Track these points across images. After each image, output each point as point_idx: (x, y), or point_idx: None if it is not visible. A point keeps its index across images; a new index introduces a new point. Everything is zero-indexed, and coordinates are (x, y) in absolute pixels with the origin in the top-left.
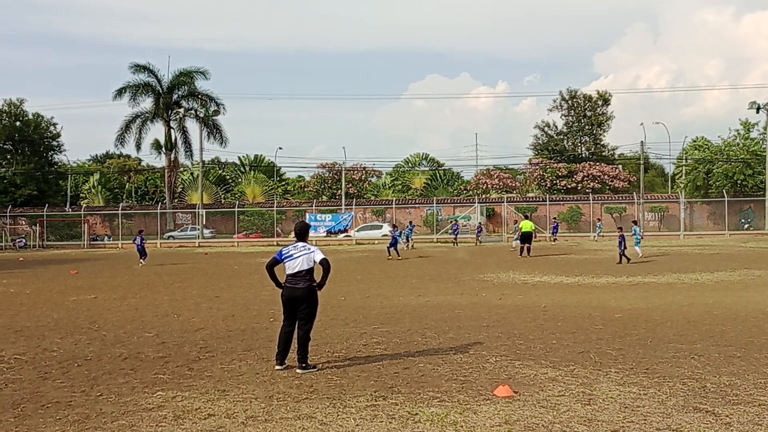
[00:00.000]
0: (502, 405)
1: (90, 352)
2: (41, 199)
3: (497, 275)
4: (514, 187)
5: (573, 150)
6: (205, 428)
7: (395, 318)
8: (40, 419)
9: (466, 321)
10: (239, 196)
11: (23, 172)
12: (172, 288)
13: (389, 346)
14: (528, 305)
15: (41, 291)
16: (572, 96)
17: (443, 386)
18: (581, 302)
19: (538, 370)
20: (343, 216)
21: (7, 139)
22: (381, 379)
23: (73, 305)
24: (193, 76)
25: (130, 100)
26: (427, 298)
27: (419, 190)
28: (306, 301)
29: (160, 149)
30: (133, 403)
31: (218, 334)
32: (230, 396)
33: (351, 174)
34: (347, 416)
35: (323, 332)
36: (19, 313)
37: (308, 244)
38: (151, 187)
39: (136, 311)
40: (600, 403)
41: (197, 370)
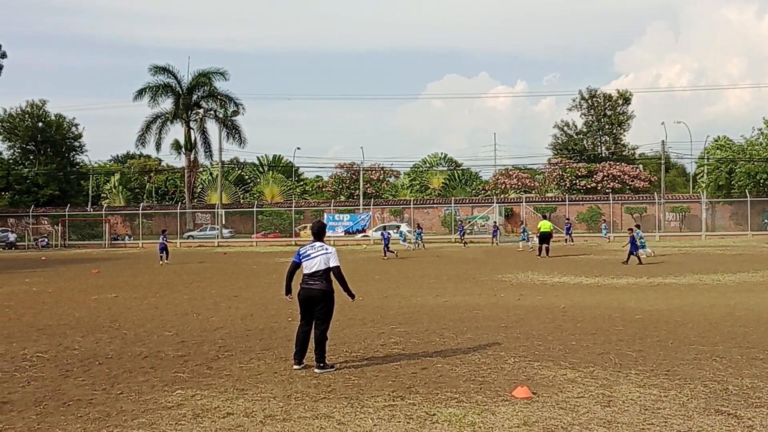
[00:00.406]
0: (521, 406)
1: (111, 350)
2: (63, 199)
3: (515, 275)
4: (533, 187)
5: (593, 149)
6: (224, 427)
7: (413, 318)
8: (62, 417)
9: (484, 321)
10: (258, 196)
11: (46, 172)
12: (192, 287)
13: (407, 346)
14: (547, 306)
15: (63, 290)
16: (592, 95)
17: (461, 387)
18: (601, 303)
19: (557, 372)
20: (361, 216)
21: (30, 139)
22: (399, 379)
23: (94, 304)
24: (212, 76)
25: (151, 101)
26: (444, 298)
27: (437, 190)
28: (322, 301)
29: (179, 150)
30: (153, 401)
31: (237, 333)
32: (249, 395)
33: (369, 174)
34: (365, 416)
35: (341, 332)
36: (41, 311)
37: (326, 245)
38: (171, 187)
39: (156, 310)
40: (620, 405)
41: (216, 369)
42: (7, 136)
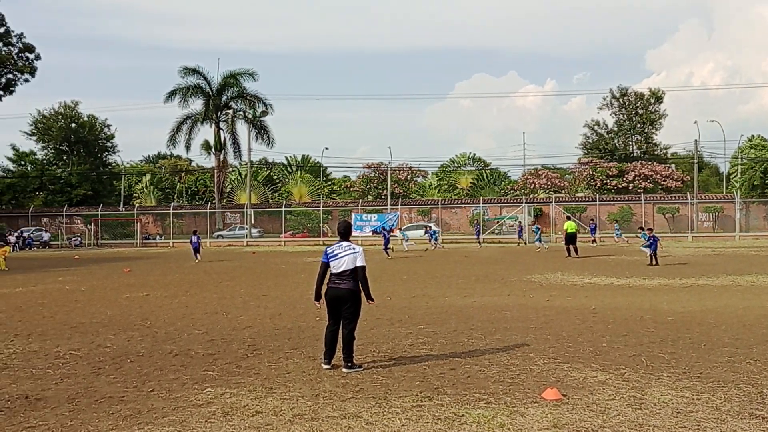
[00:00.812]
0: (551, 408)
1: (142, 348)
2: (96, 199)
3: (545, 276)
4: (562, 187)
5: (624, 149)
6: (253, 425)
7: (441, 318)
8: (94, 413)
9: (513, 322)
10: (286, 196)
11: (79, 172)
12: (221, 286)
13: (435, 346)
14: (577, 307)
15: (95, 288)
16: (623, 94)
17: (490, 388)
18: (632, 304)
19: (587, 373)
20: (389, 216)
21: (64, 140)
22: (427, 379)
23: (126, 302)
24: (242, 77)
25: (181, 102)
26: (473, 298)
27: (465, 190)
28: (350, 301)
29: (209, 150)
30: (183, 399)
31: (265, 333)
32: (277, 394)
33: (397, 174)
34: (393, 416)
35: (369, 332)
36: (74, 309)
37: (353, 244)
38: (201, 187)
39: (186, 309)
40: (651, 408)
41: (245, 368)
42: (41, 137)
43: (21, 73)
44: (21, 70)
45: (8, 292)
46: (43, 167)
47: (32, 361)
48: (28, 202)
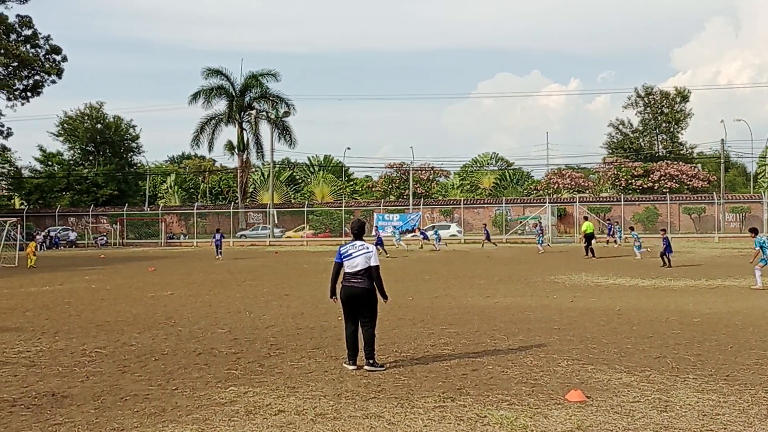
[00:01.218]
0: (575, 410)
1: (166, 346)
2: (121, 199)
3: (569, 277)
4: (586, 187)
5: (649, 148)
6: (276, 424)
7: (463, 319)
8: (119, 411)
9: (536, 323)
10: (308, 195)
11: (105, 172)
12: (244, 286)
13: (457, 347)
14: (601, 308)
15: (121, 287)
16: (648, 93)
17: (513, 389)
18: (658, 306)
19: (611, 375)
20: (411, 216)
21: (90, 141)
22: (449, 380)
23: (150, 301)
24: (264, 78)
25: (204, 103)
26: (496, 299)
27: (488, 190)
28: (366, 300)
29: (232, 150)
30: (207, 397)
31: (288, 332)
32: (300, 393)
33: (419, 174)
34: (415, 416)
35: (391, 332)
36: (100, 308)
37: (366, 243)
38: (224, 187)
39: (209, 308)
40: (677, 410)
41: (268, 367)
42: (67, 137)
43: (48, 75)
44: (48, 72)
45: (36, 291)
46: (69, 167)
47: (59, 359)
48: (55, 201)
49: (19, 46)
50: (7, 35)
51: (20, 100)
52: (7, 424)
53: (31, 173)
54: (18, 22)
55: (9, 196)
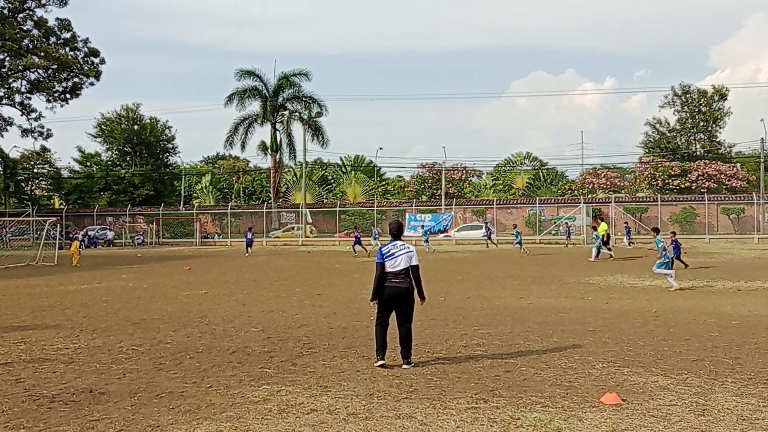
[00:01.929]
0: (610, 413)
1: (201, 344)
2: (157, 199)
3: (604, 278)
4: (622, 187)
5: (687, 148)
6: (308, 423)
7: (496, 320)
8: (155, 408)
9: (570, 325)
10: (341, 195)
11: (141, 173)
12: (277, 285)
13: (490, 348)
14: (637, 310)
15: (157, 286)
16: (685, 91)
17: (547, 391)
18: (695, 308)
19: (648, 378)
20: (443, 216)
21: (126, 142)
22: (482, 381)
23: (185, 300)
24: (296, 78)
25: (238, 105)
26: (529, 300)
27: (521, 190)
28: (407, 299)
29: (266, 151)
30: (241, 395)
31: (320, 331)
32: (332, 392)
33: (451, 174)
34: (447, 417)
35: (423, 332)
36: (137, 306)
37: (406, 243)
38: (257, 187)
39: (243, 307)
40: (715, 414)
41: (300, 366)
42: (105, 138)
43: (86, 77)
44: (86, 74)
45: (74, 289)
46: (107, 168)
47: (96, 356)
48: (93, 201)
49: (58, 49)
50: (47, 38)
51: (59, 101)
52: (46, 419)
53: (71, 173)
54: (57, 26)
55: (49, 196)
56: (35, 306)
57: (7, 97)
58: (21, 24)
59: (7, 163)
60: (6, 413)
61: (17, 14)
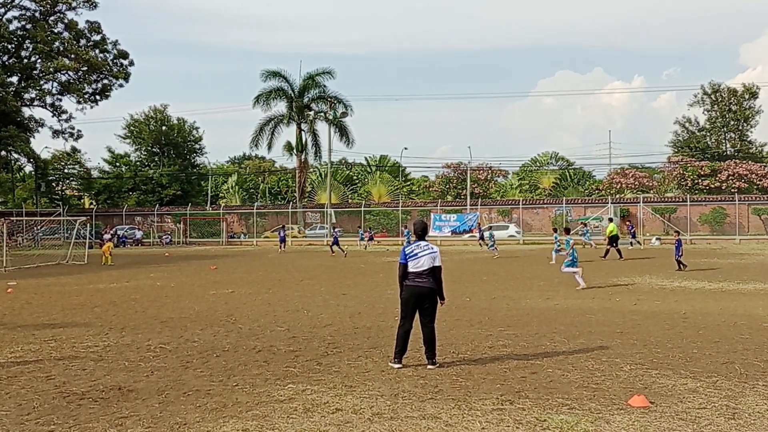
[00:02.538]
0: (638, 415)
1: (227, 343)
2: (185, 199)
3: (632, 279)
4: (651, 187)
5: (717, 147)
6: (333, 422)
7: (522, 321)
8: (182, 406)
9: (597, 326)
10: (365, 195)
11: (169, 173)
12: (302, 284)
13: (516, 349)
14: (666, 311)
15: (184, 285)
16: (715, 90)
17: (573, 393)
18: (725, 309)
19: (676, 381)
20: (468, 216)
21: (155, 142)
22: (507, 382)
23: (212, 299)
24: (321, 77)
25: (263, 105)
26: (555, 301)
27: (547, 190)
28: (430, 299)
29: (291, 151)
30: (266, 394)
31: (345, 331)
32: (357, 392)
33: (476, 174)
34: (473, 418)
35: (448, 333)
36: (164, 305)
37: (430, 243)
38: (283, 187)
39: (269, 306)
40: (745, 418)
41: (325, 365)
42: (134, 139)
43: (116, 79)
44: (116, 76)
45: (104, 288)
46: (136, 168)
47: (125, 354)
48: (122, 201)
49: (88, 51)
50: (77, 40)
51: (89, 103)
52: (76, 416)
53: (100, 174)
54: (87, 28)
55: (79, 196)
56: (66, 304)
57: (38, 98)
58: (52, 27)
59: (38, 164)
60: (37, 410)
61: (48, 17)
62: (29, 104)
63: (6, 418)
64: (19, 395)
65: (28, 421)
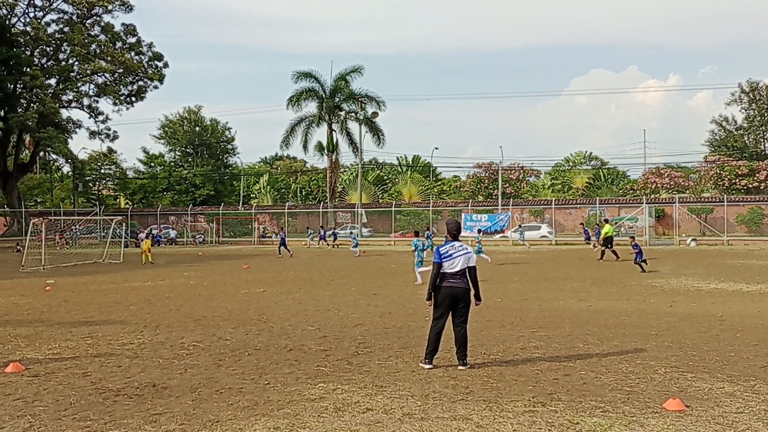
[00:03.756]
0: (673, 419)
1: (259, 342)
2: (217, 199)
3: (667, 281)
4: (687, 187)
5: (755, 146)
6: (364, 422)
7: (554, 322)
8: (215, 403)
9: (632, 328)
10: (396, 195)
11: (202, 173)
12: (333, 284)
13: (548, 351)
14: (702, 314)
15: (217, 284)
16: (753, 88)
17: (607, 396)
18: (764, 312)
19: (713, 384)
20: (500, 216)
21: (188, 143)
22: (539, 384)
23: (244, 298)
24: (350, 76)
25: (295, 106)
26: (588, 302)
27: (581, 190)
28: (464, 300)
29: (322, 151)
30: (297, 393)
31: (376, 331)
32: (387, 392)
33: (508, 174)
34: (504, 420)
35: (479, 334)
36: (197, 303)
37: (464, 244)
38: (314, 187)
39: (300, 305)
40: None
41: (356, 365)
42: (168, 140)
43: (151, 81)
44: (151, 78)
45: (139, 286)
46: (170, 168)
47: (159, 351)
48: (157, 201)
49: (124, 54)
50: (114, 43)
51: (125, 104)
52: (111, 412)
53: (135, 174)
54: (123, 31)
55: (115, 196)
56: (102, 302)
57: (76, 100)
58: (89, 29)
59: (76, 164)
60: (74, 405)
61: (85, 20)
62: (67, 106)
63: (44, 413)
64: (56, 391)
65: (66, 416)
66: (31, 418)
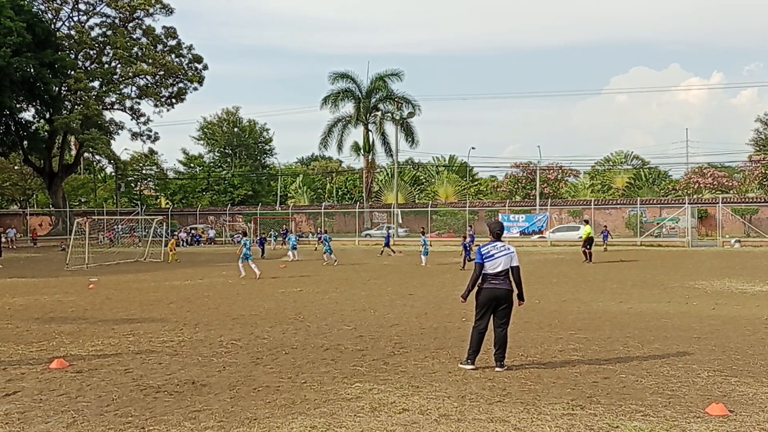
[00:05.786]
0: (715, 424)
1: (296, 341)
2: (255, 199)
3: (710, 282)
4: (730, 187)
5: None
6: (400, 422)
7: (594, 324)
8: (252, 401)
9: (673, 331)
10: (432, 195)
11: (240, 174)
12: (369, 284)
13: (587, 353)
14: (746, 316)
15: (254, 283)
16: None
17: (647, 399)
18: None
19: (758, 389)
20: (538, 217)
21: (227, 144)
22: (578, 387)
23: (281, 297)
24: (389, 79)
25: (332, 106)
26: (629, 305)
27: (621, 190)
28: (506, 301)
29: (358, 151)
30: (334, 392)
31: (412, 331)
32: (423, 392)
33: (546, 173)
34: (542, 423)
35: (516, 335)
36: (235, 302)
37: (507, 244)
38: (350, 187)
39: (336, 305)
40: None
41: (392, 365)
42: (207, 141)
43: (190, 83)
44: (190, 80)
45: (179, 285)
46: (209, 169)
47: (198, 349)
48: (196, 201)
49: (165, 56)
50: (155, 46)
51: (166, 106)
52: (152, 408)
53: (175, 174)
54: (164, 33)
55: (156, 196)
56: (143, 300)
57: (118, 102)
58: (131, 33)
59: (118, 165)
60: (116, 401)
61: (127, 24)
62: (110, 108)
63: (87, 408)
64: (99, 387)
65: (107, 412)
66: (75, 413)
